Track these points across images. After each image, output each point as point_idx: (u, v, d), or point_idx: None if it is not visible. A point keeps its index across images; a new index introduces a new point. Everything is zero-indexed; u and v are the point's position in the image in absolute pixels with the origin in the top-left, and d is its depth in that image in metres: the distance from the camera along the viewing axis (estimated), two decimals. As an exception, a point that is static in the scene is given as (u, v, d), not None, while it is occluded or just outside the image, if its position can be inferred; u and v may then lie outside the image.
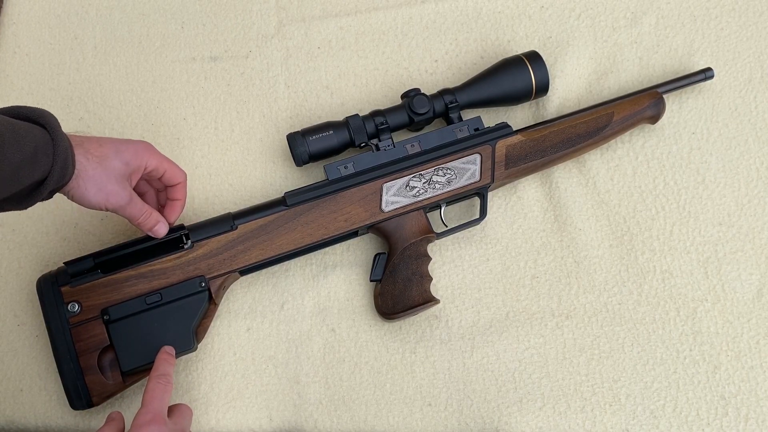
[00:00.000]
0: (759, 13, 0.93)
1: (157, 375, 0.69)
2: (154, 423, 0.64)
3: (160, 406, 0.67)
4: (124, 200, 0.70)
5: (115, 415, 0.69)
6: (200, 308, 0.76)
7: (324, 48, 0.93)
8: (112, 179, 0.69)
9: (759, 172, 0.86)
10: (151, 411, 0.65)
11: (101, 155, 0.68)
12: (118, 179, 0.69)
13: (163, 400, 0.67)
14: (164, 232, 0.75)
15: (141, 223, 0.73)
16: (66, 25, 0.96)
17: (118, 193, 0.69)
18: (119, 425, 0.68)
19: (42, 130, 0.64)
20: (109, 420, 0.68)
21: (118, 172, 0.69)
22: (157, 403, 0.67)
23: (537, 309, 0.82)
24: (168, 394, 0.68)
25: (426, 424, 0.78)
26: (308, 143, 0.80)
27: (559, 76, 0.90)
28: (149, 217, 0.73)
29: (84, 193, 0.68)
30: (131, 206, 0.71)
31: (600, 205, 0.85)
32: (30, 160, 0.61)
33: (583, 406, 0.78)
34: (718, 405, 0.77)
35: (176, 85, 0.92)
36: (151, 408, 0.66)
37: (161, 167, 0.74)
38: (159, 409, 0.66)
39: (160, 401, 0.67)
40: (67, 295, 0.74)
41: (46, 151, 0.63)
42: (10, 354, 0.81)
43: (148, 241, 0.77)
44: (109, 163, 0.69)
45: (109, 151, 0.69)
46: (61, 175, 0.64)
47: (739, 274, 0.82)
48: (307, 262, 0.84)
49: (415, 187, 0.80)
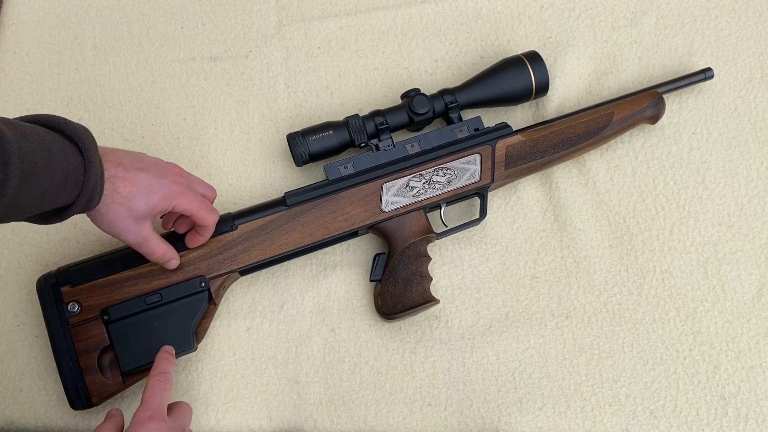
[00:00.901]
0: (759, 13, 0.93)
1: (157, 373, 0.69)
2: (154, 420, 0.64)
3: (160, 403, 0.67)
4: (139, 239, 0.69)
5: (115, 412, 0.69)
6: (200, 308, 0.76)
7: (324, 48, 0.93)
8: (131, 219, 0.68)
9: (759, 172, 0.86)
10: (151, 408, 0.65)
11: (129, 195, 0.66)
12: (137, 219, 0.68)
13: (162, 398, 0.67)
14: (176, 266, 0.75)
15: (154, 259, 0.73)
16: (66, 25, 0.96)
17: (134, 233, 0.69)
18: (119, 422, 0.68)
19: (76, 154, 0.62)
20: (109, 417, 0.68)
21: (141, 213, 0.68)
22: (157, 400, 0.67)
23: (537, 309, 0.82)
24: (168, 392, 0.68)
25: (426, 424, 0.78)
26: (308, 143, 0.80)
27: (559, 76, 0.90)
28: (163, 255, 0.73)
29: (99, 223, 0.67)
30: (145, 245, 0.70)
31: (600, 205, 0.85)
32: (58, 188, 0.60)
33: (583, 406, 0.78)
34: (718, 405, 0.77)
35: (176, 85, 0.92)
36: (151, 405, 0.66)
37: (189, 211, 0.72)
38: (158, 407, 0.66)
39: (160, 399, 0.67)
40: (67, 295, 0.74)
41: (76, 181, 0.61)
42: (10, 354, 0.81)
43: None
44: (134, 204, 0.67)
45: (138, 192, 0.67)
46: (85, 206, 0.63)
47: (739, 274, 0.82)
48: (307, 262, 0.84)
49: (415, 187, 0.80)
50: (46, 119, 0.63)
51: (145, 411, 0.65)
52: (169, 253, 0.73)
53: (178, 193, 0.70)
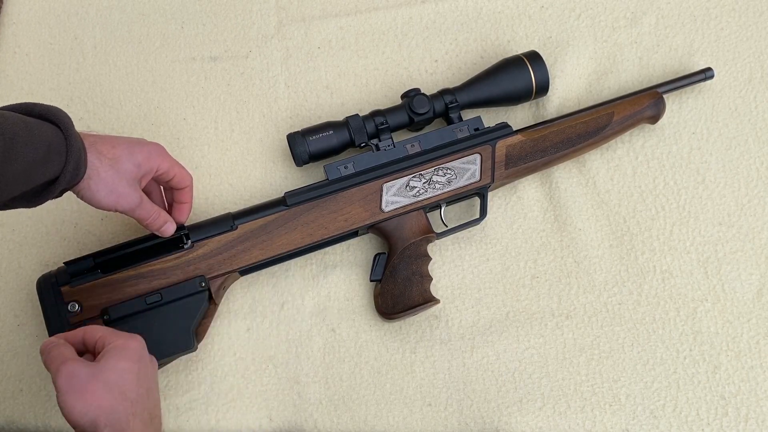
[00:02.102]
0: (759, 13, 0.93)
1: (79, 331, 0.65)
2: (136, 336, 0.63)
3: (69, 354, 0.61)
4: (135, 203, 0.70)
5: (55, 340, 0.63)
6: (200, 308, 0.76)
7: (324, 48, 0.93)
8: (123, 181, 0.68)
9: (759, 172, 0.86)
10: (120, 333, 0.63)
11: (114, 157, 0.68)
12: (129, 181, 0.69)
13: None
14: (172, 231, 0.75)
15: (150, 223, 0.73)
16: (66, 25, 0.96)
17: (129, 195, 0.69)
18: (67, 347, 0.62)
19: (55, 129, 0.63)
20: (51, 344, 0.62)
21: (130, 174, 0.69)
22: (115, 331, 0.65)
23: (537, 309, 0.82)
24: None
25: (426, 424, 0.78)
26: (308, 143, 0.80)
27: (559, 76, 0.90)
28: (158, 218, 0.73)
29: (94, 194, 0.67)
30: (141, 208, 0.71)
31: (600, 205, 0.85)
32: (43, 159, 0.61)
33: (583, 406, 0.78)
34: (718, 405, 0.77)
35: (176, 85, 0.92)
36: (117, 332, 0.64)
37: (171, 171, 0.74)
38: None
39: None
40: (67, 295, 0.74)
41: (59, 150, 0.62)
42: (10, 354, 0.81)
43: (148, 241, 0.77)
44: (121, 165, 0.68)
45: (122, 153, 0.69)
46: (73, 174, 0.64)
47: (739, 274, 0.82)
48: (307, 262, 0.84)
49: (415, 187, 0.80)
50: (16, 106, 0.64)
51: (120, 334, 0.63)
52: (163, 215, 0.74)
53: (157, 153, 0.72)
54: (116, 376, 0.58)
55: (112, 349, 0.61)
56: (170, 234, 0.75)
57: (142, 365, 0.62)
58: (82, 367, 0.58)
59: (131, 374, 0.59)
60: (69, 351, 0.61)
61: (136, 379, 0.60)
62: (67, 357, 0.59)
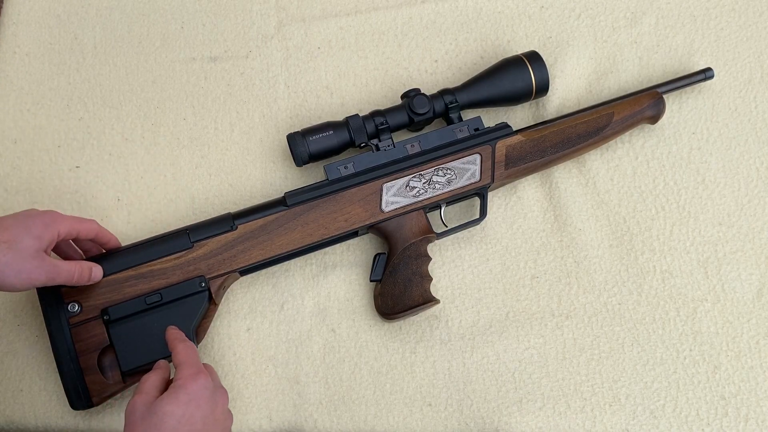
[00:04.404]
0: (759, 13, 0.93)
1: (181, 340, 0.70)
2: (201, 375, 0.65)
3: (198, 361, 0.67)
4: (50, 273, 0.68)
5: (162, 364, 0.70)
6: (200, 308, 0.76)
7: (324, 48, 0.93)
8: (27, 259, 0.67)
9: (759, 172, 0.86)
10: (193, 365, 0.66)
11: (9, 240, 0.66)
12: (33, 256, 0.67)
13: (197, 358, 0.68)
14: (100, 274, 0.74)
15: (78, 280, 0.72)
16: (66, 25, 0.96)
17: (39, 269, 0.67)
18: (165, 374, 0.68)
19: None
20: (156, 368, 0.69)
21: (32, 249, 0.67)
22: (195, 359, 0.67)
23: (537, 309, 0.82)
24: (197, 353, 0.69)
25: (426, 424, 0.78)
26: (308, 143, 0.80)
27: (559, 76, 0.90)
28: (82, 271, 0.72)
29: (5, 279, 0.66)
30: (59, 275, 0.69)
31: (600, 205, 0.85)
32: None
33: (583, 406, 0.78)
34: (718, 405, 0.77)
35: (176, 85, 0.92)
36: (192, 363, 0.66)
37: (73, 230, 0.72)
38: (199, 364, 0.67)
39: (197, 358, 0.68)
40: (67, 295, 0.74)
41: None
42: (10, 354, 0.81)
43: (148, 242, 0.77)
44: (19, 244, 0.66)
45: (17, 233, 0.67)
46: None
47: (739, 274, 0.82)
48: (307, 262, 0.84)
49: (415, 187, 0.80)
50: None
51: (189, 368, 0.66)
52: (85, 265, 0.72)
53: (52, 220, 0.71)
54: (158, 419, 0.62)
55: (172, 389, 0.64)
56: (100, 276, 0.74)
57: (194, 407, 0.64)
58: (141, 405, 0.63)
59: (172, 418, 0.62)
60: (154, 379, 0.66)
61: (177, 423, 0.62)
62: (141, 389, 0.65)
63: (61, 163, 0.88)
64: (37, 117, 0.91)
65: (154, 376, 0.67)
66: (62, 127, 0.90)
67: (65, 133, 0.90)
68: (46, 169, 0.88)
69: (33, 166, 0.88)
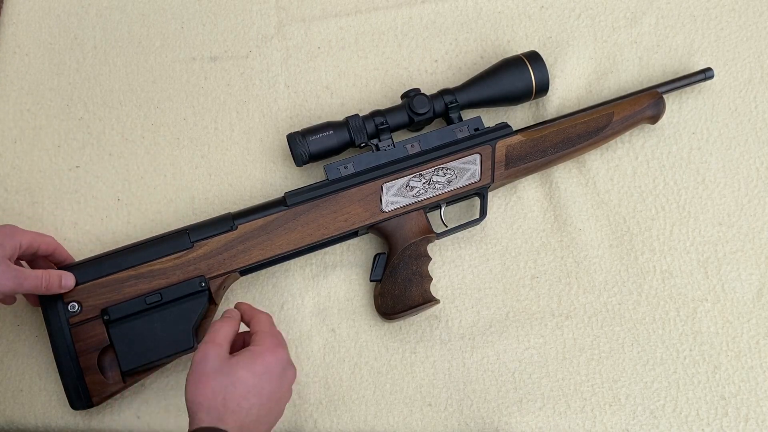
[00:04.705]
0: (759, 13, 0.93)
1: (259, 310, 0.70)
2: (280, 349, 0.66)
3: (278, 333, 0.68)
4: (15, 279, 0.68)
5: (234, 314, 0.69)
6: (200, 308, 0.76)
7: (324, 48, 0.93)
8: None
9: (759, 172, 0.86)
10: (274, 336, 0.67)
11: None
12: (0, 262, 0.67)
13: (277, 330, 0.69)
14: (72, 282, 0.73)
15: (48, 287, 0.71)
16: (66, 25, 0.96)
17: (4, 274, 0.67)
18: (236, 326, 0.68)
19: None
20: (228, 318, 0.68)
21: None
22: (276, 331, 0.68)
23: (537, 309, 0.82)
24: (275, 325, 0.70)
25: (426, 424, 0.78)
26: (308, 143, 0.80)
27: (559, 76, 0.90)
28: (50, 278, 0.71)
29: None
30: (25, 280, 0.69)
31: (600, 205, 0.85)
32: None
33: (583, 406, 0.78)
34: (718, 405, 0.77)
35: (176, 85, 0.92)
36: (273, 333, 0.67)
37: (34, 242, 0.72)
38: (279, 336, 0.68)
39: (276, 330, 0.68)
40: (66, 295, 0.74)
41: None
42: (10, 354, 0.81)
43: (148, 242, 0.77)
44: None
45: None
46: None
47: (739, 274, 0.82)
48: (307, 262, 0.84)
49: (415, 187, 0.80)
50: None
51: (271, 338, 0.66)
52: (54, 273, 0.72)
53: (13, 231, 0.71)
54: (229, 381, 0.62)
55: (248, 353, 0.64)
56: (72, 284, 0.73)
57: (266, 380, 0.64)
58: (215, 358, 0.63)
59: (244, 386, 0.62)
60: (227, 330, 0.66)
61: (247, 392, 0.62)
62: (214, 338, 0.65)
63: (61, 163, 0.88)
64: (37, 117, 0.91)
65: (227, 326, 0.66)
66: (62, 127, 0.90)
67: (65, 133, 0.90)
68: (46, 169, 0.88)
69: (33, 166, 0.88)
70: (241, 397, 0.62)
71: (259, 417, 0.63)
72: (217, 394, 0.61)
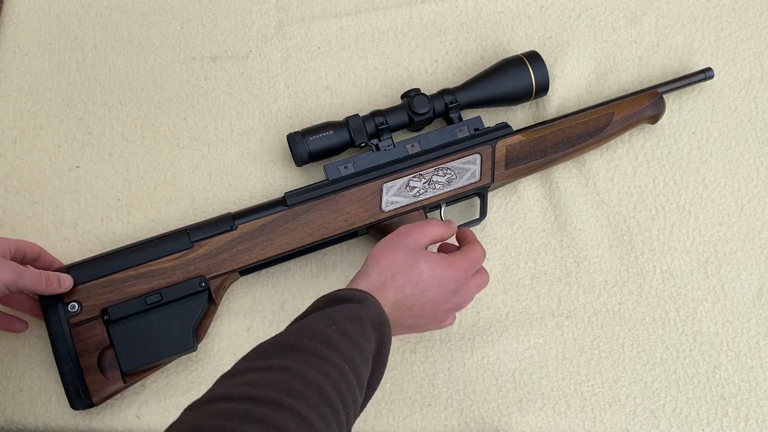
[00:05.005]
0: (759, 13, 0.93)
1: (479, 244, 0.72)
2: (481, 274, 0.71)
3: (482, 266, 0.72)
4: (13, 272, 0.67)
5: (452, 226, 0.72)
6: (200, 308, 0.76)
7: (324, 48, 0.93)
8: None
9: (759, 172, 0.86)
10: (473, 266, 0.69)
11: None
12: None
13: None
14: (70, 283, 0.73)
15: (47, 284, 0.70)
16: (66, 25, 0.96)
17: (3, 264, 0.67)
18: (447, 233, 0.71)
19: None
20: (447, 223, 0.72)
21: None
22: (477, 261, 0.70)
23: (537, 309, 0.82)
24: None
25: (426, 424, 0.78)
26: (308, 143, 0.80)
27: (559, 76, 0.90)
28: (48, 278, 0.71)
29: None
30: (22, 276, 0.68)
31: (600, 205, 0.85)
32: None
33: (583, 406, 0.78)
34: (718, 405, 0.77)
35: (176, 85, 0.92)
36: (473, 262, 0.70)
37: (21, 246, 0.73)
38: (478, 275, 0.71)
39: (480, 260, 0.71)
40: (66, 295, 0.74)
41: None
42: (10, 354, 0.81)
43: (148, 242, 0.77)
44: None
45: None
46: None
47: (739, 274, 0.82)
48: (307, 262, 0.84)
49: (415, 187, 0.80)
50: None
51: (476, 263, 0.70)
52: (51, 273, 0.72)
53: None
54: (410, 264, 0.66)
55: (439, 256, 0.68)
56: (70, 286, 0.73)
57: (435, 286, 0.66)
58: (413, 240, 0.68)
59: (418, 276, 0.66)
60: (439, 231, 0.70)
61: (417, 282, 0.66)
62: (423, 228, 0.69)
63: (61, 163, 0.88)
64: (37, 117, 0.91)
65: (442, 229, 0.70)
66: (62, 127, 0.90)
67: (65, 133, 0.90)
68: (46, 169, 0.88)
69: (33, 166, 0.88)
70: (409, 282, 0.65)
71: (411, 311, 0.66)
72: (395, 265, 0.65)
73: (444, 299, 0.67)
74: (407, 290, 0.65)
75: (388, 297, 0.64)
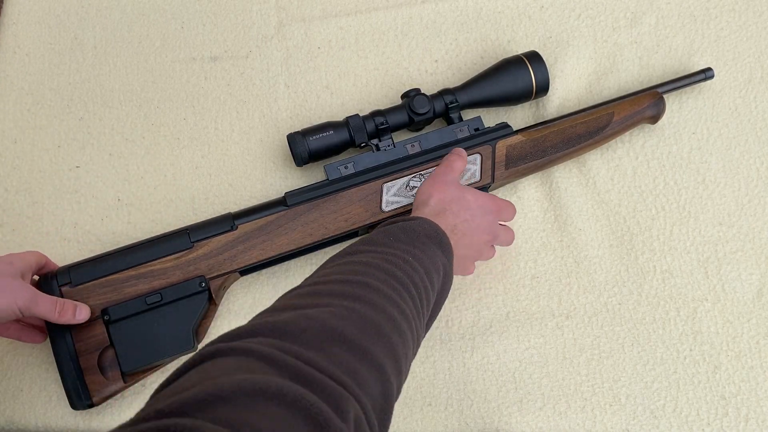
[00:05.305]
0: (759, 13, 0.93)
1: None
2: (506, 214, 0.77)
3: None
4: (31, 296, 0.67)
5: (464, 154, 0.78)
6: (200, 308, 0.76)
7: (324, 48, 0.93)
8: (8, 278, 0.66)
9: (759, 172, 0.86)
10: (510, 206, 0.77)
11: None
12: (14, 277, 0.67)
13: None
14: (87, 313, 0.72)
15: (62, 313, 0.70)
16: (66, 25, 0.96)
17: (22, 288, 0.67)
18: (465, 156, 0.78)
19: None
20: (458, 152, 0.78)
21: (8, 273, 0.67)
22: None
23: (537, 309, 0.82)
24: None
25: (426, 424, 0.78)
26: (308, 143, 0.80)
27: (559, 76, 0.90)
28: (64, 306, 0.70)
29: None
30: (41, 299, 0.68)
31: (600, 205, 0.85)
32: None
33: (583, 406, 0.78)
34: (718, 405, 0.77)
35: (176, 85, 0.92)
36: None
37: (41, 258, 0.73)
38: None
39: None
40: (67, 295, 0.74)
41: None
42: (10, 354, 0.81)
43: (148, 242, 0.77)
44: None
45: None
46: None
47: (739, 274, 0.82)
48: (307, 262, 0.84)
49: (415, 187, 0.80)
50: None
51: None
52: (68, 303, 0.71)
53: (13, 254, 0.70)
54: (459, 194, 0.72)
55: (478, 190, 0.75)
56: (87, 317, 0.72)
57: (480, 213, 0.72)
58: (454, 178, 0.75)
59: (466, 203, 0.72)
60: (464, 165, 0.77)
61: (467, 208, 0.71)
62: (451, 161, 0.76)
63: (61, 163, 0.88)
64: (37, 117, 0.91)
65: (462, 160, 0.76)
66: (62, 127, 0.90)
67: (65, 133, 0.90)
68: (46, 169, 0.88)
69: (33, 166, 0.88)
70: (462, 208, 0.71)
71: (464, 235, 0.71)
72: (448, 196, 0.71)
73: (487, 228, 0.73)
74: (461, 216, 0.70)
75: (448, 221, 0.70)
